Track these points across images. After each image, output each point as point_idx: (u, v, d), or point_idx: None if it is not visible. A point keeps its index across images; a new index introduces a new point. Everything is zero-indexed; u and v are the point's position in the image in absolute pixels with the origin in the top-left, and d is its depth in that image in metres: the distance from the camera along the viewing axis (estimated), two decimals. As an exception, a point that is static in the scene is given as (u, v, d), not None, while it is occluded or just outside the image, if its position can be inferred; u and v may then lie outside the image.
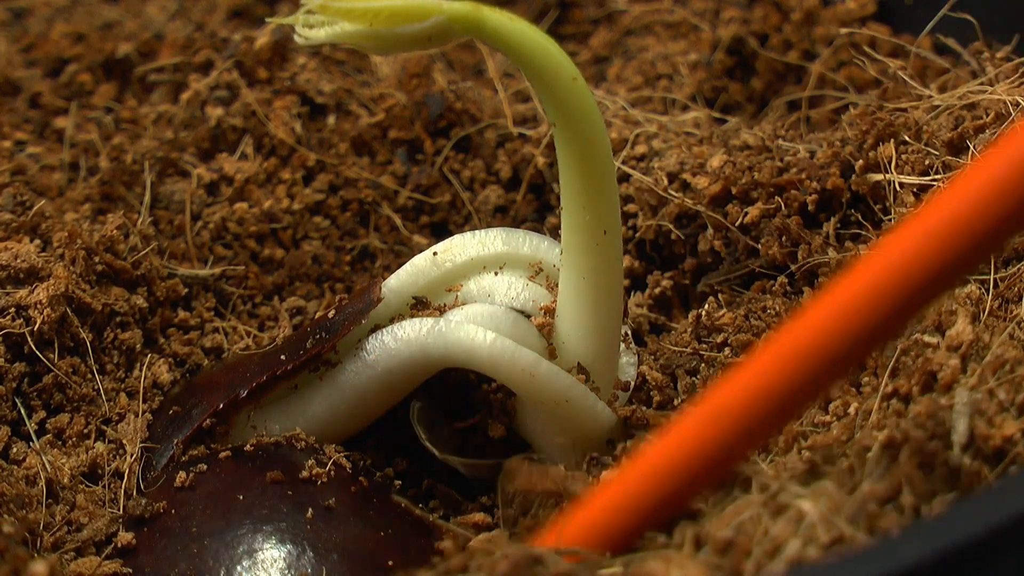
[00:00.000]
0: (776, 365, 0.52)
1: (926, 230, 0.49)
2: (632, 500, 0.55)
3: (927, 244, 0.49)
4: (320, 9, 0.61)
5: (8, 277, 0.71)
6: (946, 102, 0.74)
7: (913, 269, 0.49)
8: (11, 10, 1.00)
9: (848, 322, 0.50)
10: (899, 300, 0.49)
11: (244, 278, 0.81)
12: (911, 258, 0.49)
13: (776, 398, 0.52)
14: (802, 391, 0.52)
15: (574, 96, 0.61)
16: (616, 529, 0.55)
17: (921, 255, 0.49)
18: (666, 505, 0.55)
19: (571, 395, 0.66)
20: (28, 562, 0.54)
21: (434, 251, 0.70)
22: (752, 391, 0.52)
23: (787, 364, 0.52)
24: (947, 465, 0.51)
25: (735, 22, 0.93)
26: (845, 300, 0.50)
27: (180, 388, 0.74)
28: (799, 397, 0.52)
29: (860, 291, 0.50)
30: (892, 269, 0.49)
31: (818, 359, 0.51)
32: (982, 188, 0.48)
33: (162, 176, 0.83)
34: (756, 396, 0.52)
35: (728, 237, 0.77)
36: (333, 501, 0.65)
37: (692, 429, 0.54)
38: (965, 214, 0.48)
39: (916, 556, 0.44)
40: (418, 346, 0.67)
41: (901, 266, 0.49)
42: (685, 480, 0.54)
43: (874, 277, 0.50)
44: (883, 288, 0.49)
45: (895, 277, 0.49)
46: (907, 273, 0.49)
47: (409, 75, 0.88)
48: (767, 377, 0.52)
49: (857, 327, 0.50)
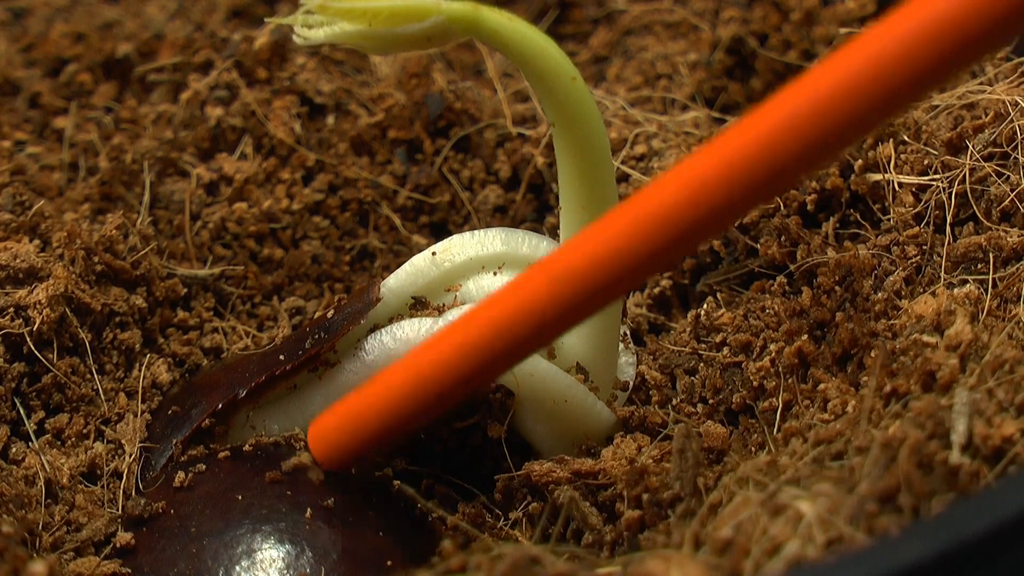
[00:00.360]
0: (623, 228, 0.52)
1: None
2: (472, 351, 0.57)
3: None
4: (319, 9, 0.61)
5: (8, 277, 0.71)
6: (945, 102, 0.74)
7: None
8: (11, 10, 1.00)
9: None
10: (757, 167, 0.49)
11: (243, 278, 0.81)
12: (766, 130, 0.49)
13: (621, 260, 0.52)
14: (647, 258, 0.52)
15: (573, 96, 0.61)
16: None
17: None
18: (496, 363, 0.56)
19: (570, 395, 0.66)
20: (27, 562, 0.54)
21: (433, 251, 0.70)
22: (595, 252, 0.52)
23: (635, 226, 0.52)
24: (946, 465, 0.51)
25: (735, 22, 0.93)
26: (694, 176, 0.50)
27: (179, 388, 0.74)
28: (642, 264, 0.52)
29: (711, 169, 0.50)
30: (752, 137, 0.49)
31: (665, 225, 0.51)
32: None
33: (162, 176, 0.83)
34: (600, 257, 0.52)
35: (727, 237, 0.77)
36: (332, 501, 0.65)
37: (532, 283, 0.55)
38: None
39: (915, 556, 0.44)
40: (417, 346, 0.67)
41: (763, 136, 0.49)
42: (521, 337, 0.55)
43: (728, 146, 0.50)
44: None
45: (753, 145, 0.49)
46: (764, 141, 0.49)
47: (409, 75, 0.88)
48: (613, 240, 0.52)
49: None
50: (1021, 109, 0.69)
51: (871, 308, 0.67)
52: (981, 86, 0.74)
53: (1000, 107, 0.71)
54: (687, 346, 0.73)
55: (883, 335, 0.65)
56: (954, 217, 0.69)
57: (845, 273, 0.70)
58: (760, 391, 0.68)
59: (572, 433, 0.68)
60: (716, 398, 0.69)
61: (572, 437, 0.68)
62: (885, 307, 0.67)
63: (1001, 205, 0.68)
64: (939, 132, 0.72)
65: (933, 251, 0.69)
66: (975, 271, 0.66)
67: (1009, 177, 0.68)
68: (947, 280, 0.66)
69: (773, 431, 0.66)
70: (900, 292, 0.68)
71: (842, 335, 0.66)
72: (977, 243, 0.67)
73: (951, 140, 0.71)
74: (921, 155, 0.72)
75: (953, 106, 0.73)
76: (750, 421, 0.68)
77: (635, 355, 0.72)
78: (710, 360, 0.71)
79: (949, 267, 0.67)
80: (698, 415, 0.69)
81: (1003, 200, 0.68)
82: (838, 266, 0.70)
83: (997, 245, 0.66)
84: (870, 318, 0.67)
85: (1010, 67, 0.75)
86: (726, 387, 0.69)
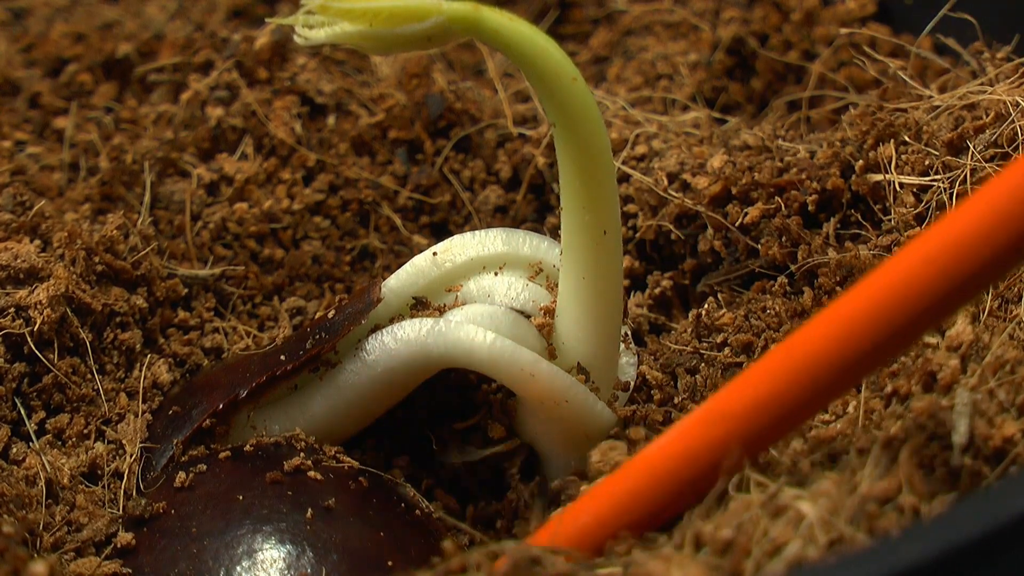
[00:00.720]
0: (779, 373, 0.52)
1: (926, 255, 0.49)
2: (628, 500, 0.55)
3: (926, 270, 0.49)
4: (320, 9, 0.61)
5: (8, 277, 0.71)
6: (946, 102, 0.74)
7: (912, 294, 0.49)
8: (11, 10, 1.00)
9: (847, 340, 0.50)
10: (897, 323, 0.49)
11: (244, 278, 0.81)
12: (910, 283, 0.49)
13: (779, 405, 0.52)
14: (805, 401, 0.52)
15: (574, 96, 0.61)
16: (610, 529, 0.55)
17: (921, 280, 0.49)
18: (662, 507, 0.55)
19: (571, 395, 0.66)
20: (28, 562, 0.54)
21: (434, 251, 0.70)
22: (756, 397, 0.52)
23: (791, 372, 0.51)
24: (947, 465, 0.51)
25: (735, 22, 0.93)
26: (846, 317, 0.50)
27: (180, 388, 0.74)
28: (800, 407, 0.52)
29: (861, 309, 0.50)
30: (892, 292, 0.49)
31: (820, 371, 0.51)
32: (984, 215, 0.48)
33: (162, 176, 0.83)
34: (759, 402, 0.52)
35: (728, 237, 0.77)
36: (333, 501, 0.65)
37: (693, 430, 0.54)
38: (966, 240, 0.48)
39: (916, 556, 0.44)
40: (418, 346, 0.67)
41: (901, 290, 0.49)
42: (683, 482, 0.54)
43: (874, 298, 0.50)
44: (883, 309, 0.49)
45: (894, 300, 0.49)
46: (906, 298, 0.49)
47: (409, 75, 0.88)
48: (770, 384, 0.52)
49: (854, 347, 0.50)
50: (1022, 110, 0.69)
51: (872, 308, 0.67)
52: (982, 87, 0.74)
53: (1001, 108, 0.71)
54: (688, 346, 0.73)
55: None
56: (955, 217, 0.69)
57: (846, 273, 0.70)
58: (761, 391, 0.68)
59: (573, 433, 0.68)
60: (717, 398, 0.69)
61: (573, 437, 0.68)
62: (886, 307, 0.67)
63: (1002, 205, 0.68)
64: (940, 133, 0.72)
65: (934, 251, 0.68)
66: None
67: (1010, 177, 0.68)
68: (948, 280, 0.66)
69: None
70: (901, 292, 0.67)
71: (843, 335, 0.66)
72: (978, 243, 0.67)
73: (952, 140, 0.71)
74: (922, 155, 0.72)
75: (954, 107, 0.73)
76: (751, 421, 0.68)
77: (636, 355, 0.72)
78: (712, 359, 0.71)
79: (950, 267, 0.67)
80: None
81: (1004, 200, 0.68)
82: (839, 266, 0.70)
83: (998, 245, 0.66)
84: (871, 318, 0.66)
85: (1011, 67, 0.75)
86: (727, 387, 0.69)
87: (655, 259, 0.81)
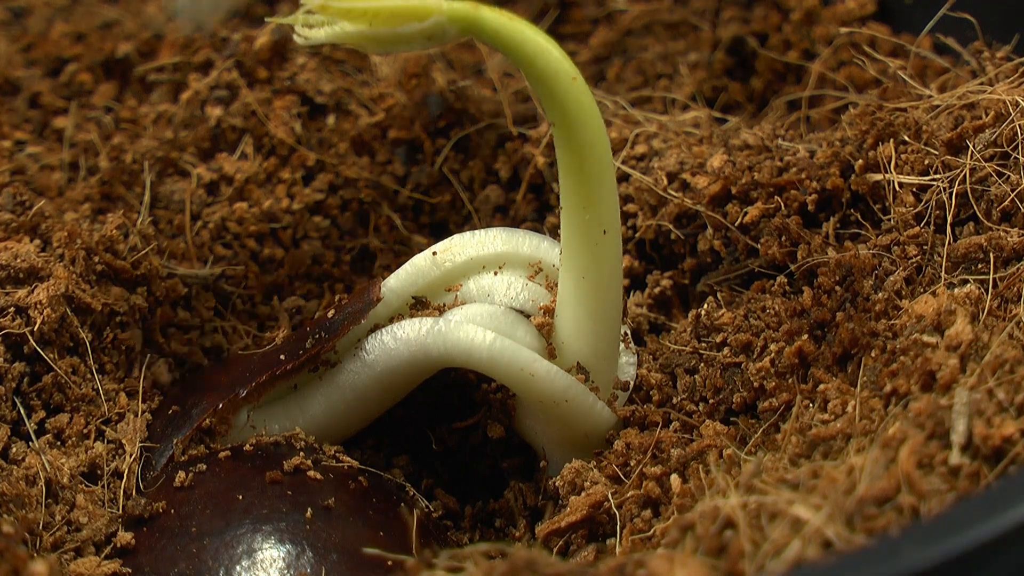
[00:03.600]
0: None
1: None
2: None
3: None
4: (320, 9, 0.61)
5: (8, 277, 0.71)
6: (946, 102, 0.74)
7: None
8: (11, 10, 1.00)
9: None
10: None
11: (244, 278, 0.81)
12: None
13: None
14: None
15: (574, 96, 0.61)
16: None
17: None
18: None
19: (570, 395, 0.66)
20: (28, 562, 0.54)
21: (434, 251, 0.70)
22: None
23: None
24: (946, 465, 0.51)
25: (735, 22, 0.93)
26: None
27: (180, 388, 0.74)
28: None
29: None
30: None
31: None
32: None
33: (162, 176, 0.83)
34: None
35: (728, 237, 0.77)
36: (332, 501, 0.65)
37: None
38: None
39: (915, 557, 0.44)
40: (418, 346, 0.67)
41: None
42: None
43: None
44: None
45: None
46: None
47: (409, 75, 0.88)
48: None
49: None
50: (1021, 109, 0.69)
51: (871, 308, 0.67)
52: (982, 86, 0.74)
53: (1000, 107, 0.71)
54: (688, 346, 0.73)
55: (883, 335, 0.65)
56: (954, 217, 0.69)
57: (845, 273, 0.70)
58: (760, 391, 0.68)
59: (572, 433, 0.68)
60: (716, 398, 0.69)
61: (572, 437, 0.68)
62: (885, 307, 0.67)
63: (1001, 205, 0.68)
64: (940, 132, 0.72)
65: (933, 251, 0.69)
66: (975, 271, 0.66)
67: (1009, 177, 0.68)
68: (947, 280, 0.66)
69: (773, 431, 0.66)
70: (900, 292, 0.68)
71: (842, 335, 0.66)
72: (977, 243, 0.67)
73: (951, 140, 0.71)
74: (922, 155, 0.72)
75: (954, 106, 0.73)
76: (750, 421, 0.68)
77: (635, 355, 0.72)
78: (711, 360, 0.71)
79: (949, 267, 0.67)
80: (698, 414, 0.69)
81: (1003, 200, 0.68)
82: (838, 266, 0.70)
83: (998, 245, 0.66)
84: (870, 318, 0.67)
85: (1011, 67, 0.75)
86: (726, 387, 0.69)
87: (655, 259, 0.81)
